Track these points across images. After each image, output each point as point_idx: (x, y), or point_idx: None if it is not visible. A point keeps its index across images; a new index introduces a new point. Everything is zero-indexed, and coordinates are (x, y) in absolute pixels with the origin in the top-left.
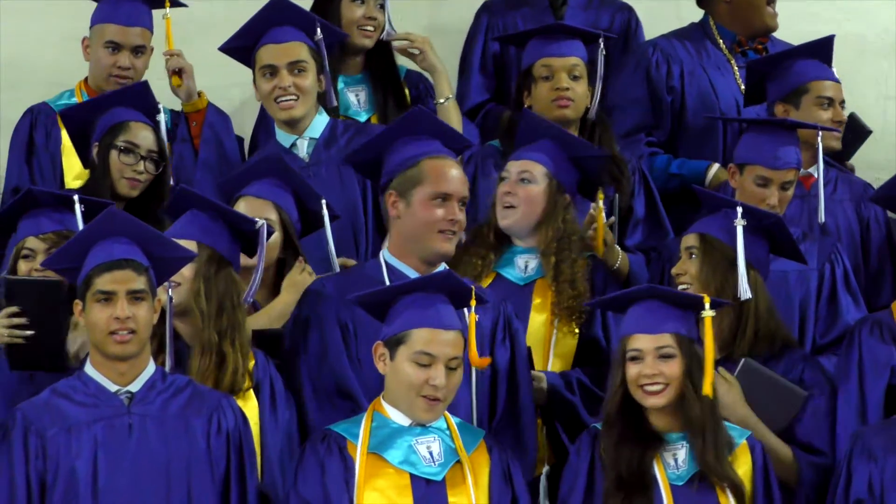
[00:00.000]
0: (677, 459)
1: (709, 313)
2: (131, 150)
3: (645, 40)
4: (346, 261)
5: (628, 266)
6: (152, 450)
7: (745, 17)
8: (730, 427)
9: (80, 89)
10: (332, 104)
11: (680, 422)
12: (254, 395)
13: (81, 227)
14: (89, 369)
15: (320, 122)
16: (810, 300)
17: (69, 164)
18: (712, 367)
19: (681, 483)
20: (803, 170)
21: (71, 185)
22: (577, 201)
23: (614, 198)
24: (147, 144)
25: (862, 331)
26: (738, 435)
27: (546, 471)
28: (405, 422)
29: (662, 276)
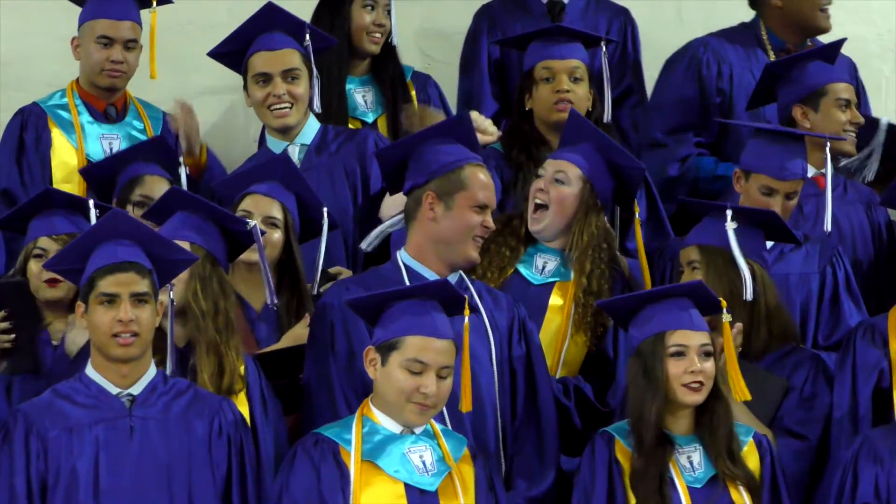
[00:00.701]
0: (692, 462)
1: (727, 317)
2: (146, 203)
3: (694, 39)
4: (340, 269)
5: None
6: (154, 452)
7: (799, 20)
8: (735, 425)
9: (71, 89)
10: (317, 110)
11: (693, 423)
12: (245, 398)
13: None
14: (91, 371)
15: (311, 128)
16: (811, 302)
17: (58, 165)
18: (738, 370)
19: (699, 486)
20: (817, 170)
21: (59, 187)
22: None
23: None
24: None
25: (857, 334)
26: (744, 432)
27: None
28: (396, 429)
29: (664, 276)
